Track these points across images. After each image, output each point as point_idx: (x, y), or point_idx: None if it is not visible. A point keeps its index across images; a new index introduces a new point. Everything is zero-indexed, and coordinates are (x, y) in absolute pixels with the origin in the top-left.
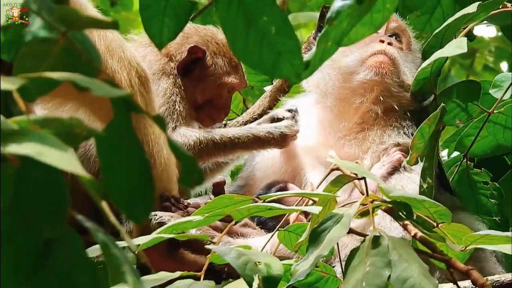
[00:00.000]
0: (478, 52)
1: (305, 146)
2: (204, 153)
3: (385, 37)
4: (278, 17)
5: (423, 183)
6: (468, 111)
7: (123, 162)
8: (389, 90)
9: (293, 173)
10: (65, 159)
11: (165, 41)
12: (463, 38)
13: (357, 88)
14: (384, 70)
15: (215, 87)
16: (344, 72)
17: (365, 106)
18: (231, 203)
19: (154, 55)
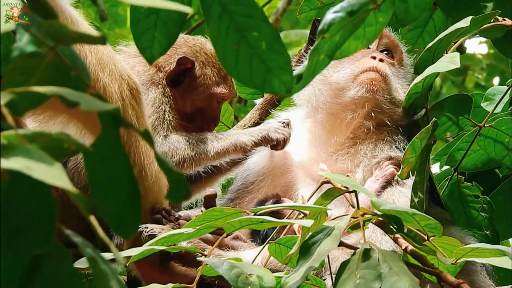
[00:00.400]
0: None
1: (297, 161)
2: (197, 157)
3: (376, 53)
4: (269, 33)
5: (414, 197)
6: (459, 124)
7: (111, 177)
8: (380, 106)
9: (284, 188)
10: (53, 174)
11: (156, 55)
12: (456, 53)
13: (348, 104)
14: (375, 87)
15: (204, 98)
16: (335, 88)
17: (357, 121)
18: (222, 215)
19: (143, 66)
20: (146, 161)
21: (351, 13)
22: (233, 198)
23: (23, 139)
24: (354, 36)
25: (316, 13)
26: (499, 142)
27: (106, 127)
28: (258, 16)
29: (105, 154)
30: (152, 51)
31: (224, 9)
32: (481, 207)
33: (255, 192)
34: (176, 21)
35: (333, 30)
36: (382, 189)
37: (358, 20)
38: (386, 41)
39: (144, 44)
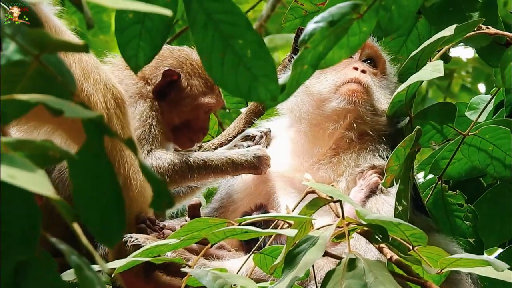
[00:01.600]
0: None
1: (279, 170)
2: (178, 176)
3: (359, 63)
4: (254, 41)
5: (398, 205)
6: (444, 133)
7: (95, 185)
8: (363, 117)
9: (267, 197)
10: (37, 182)
11: (141, 64)
12: (439, 61)
13: (331, 114)
14: (357, 98)
15: (192, 109)
16: (318, 99)
17: (339, 132)
18: (207, 226)
19: (131, 79)
20: (131, 170)
21: (332, 23)
22: (217, 207)
23: (7, 147)
24: (338, 46)
25: (301, 21)
26: (483, 151)
27: (90, 135)
28: (243, 24)
29: (90, 162)
30: (137, 60)
31: (209, 17)
32: (465, 215)
33: (239, 201)
34: (160, 30)
35: (316, 40)
36: (367, 198)
37: (340, 30)
38: (369, 51)
39: (129, 53)
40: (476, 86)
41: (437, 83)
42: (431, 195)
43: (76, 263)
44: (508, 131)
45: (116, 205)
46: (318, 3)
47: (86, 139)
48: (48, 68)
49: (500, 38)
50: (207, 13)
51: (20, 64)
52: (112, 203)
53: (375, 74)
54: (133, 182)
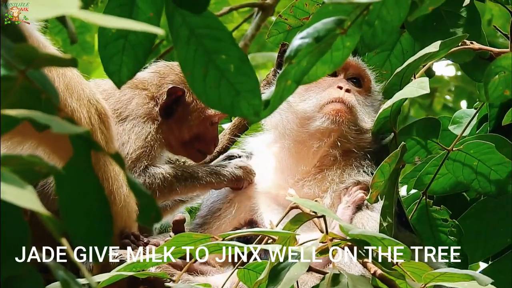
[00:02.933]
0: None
1: (263, 187)
2: (167, 191)
3: (343, 82)
4: (237, 56)
5: (383, 221)
6: (428, 148)
7: (82, 200)
8: (346, 136)
9: (251, 214)
10: (25, 196)
11: (124, 79)
12: (425, 78)
13: (315, 133)
14: (341, 118)
15: (199, 122)
16: (302, 117)
17: (323, 150)
18: (191, 241)
19: (142, 99)
20: (115, 185)
21: (318, 39)
22: (201, 223)
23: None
24: (321, 61)
25: (284, 36)
26: (467, 166)
27: (77, 150)
28: (226, 39)
29: (76, 177)
30: (120, 75)
31: (192, 32)
32: (450, 230)
33: (223, 218)
34: (144, 44)
35: (300, 56)
36: (353, 215)
37: (324, 45)
38: (354, 70)
39: (112, 68)
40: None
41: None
42: (416, 210)
43: (63, 278)
44: (492, 146)
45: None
46: (302, 18)
47: (73, 154)
48: (33, 83)
49: (484, 53)
50: (190, 28)
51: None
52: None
53: (360, 92)
54: (117, 197)
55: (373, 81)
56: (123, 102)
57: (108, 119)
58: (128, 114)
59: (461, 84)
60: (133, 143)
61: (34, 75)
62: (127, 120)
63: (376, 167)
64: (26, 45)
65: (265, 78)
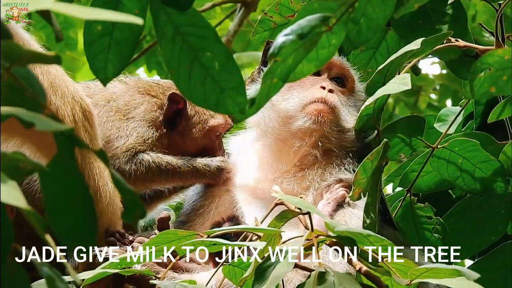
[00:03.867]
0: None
1: (243, 182)
2: (149, 179)
3: (327, 82)
4: (222, 54)
5: (366, 218)
6: (412, 145)
7: (67, 197)
8: (328, 137)
9: (230, 207)
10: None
11: (110, 76)
12: (407, 75)
13: (296, 132)
14: (323, 119)
15: (203, 135)
16: (284, 116)
17: (304, 149)
18: (176, 238)
19: (150, 106)
20: (100, 182)
21: (301, 36)
22: (185, 221)
23: None
24: (307, 59)
25: (270, 34)
26: (452, 163)
27: (61, 147)
28: (211, 37)
29: (61, 174)
30: (106, 72)
31: (177, 30)
32: (434, 228)
33: (206, 214)
34: (129, 41)
35: (286, 54)
36: (334, 212)
37: (310, 43)
38: (338, 70)
39: (98, 65)
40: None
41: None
42: (400, 207)
43: (47, 275)
44: (477, 143)
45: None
46: (287, 15)
47: (57, 151)
48: (18, 81)
49: (470, 51)
50: (175, 25)
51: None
52: (84, 214)
53: (343, 92)
54: (102, 194)
55: (357, 81)
56: (131, 105)
57: (92, 117)
58: (135, 115)
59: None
60: (133, 139)
61: (19, 72)
62: (133, 120)
63: (358, 165)
64: (11, 42)
65: (249, 76)
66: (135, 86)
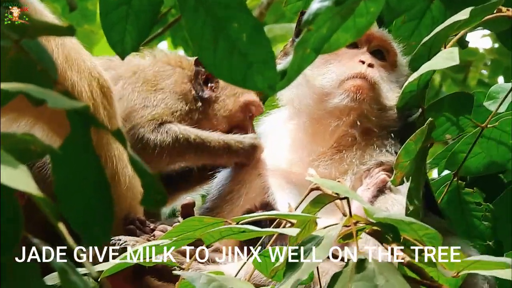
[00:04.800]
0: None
1: (276, 165)
2: (176, 152)
3: (366, 56)
4: (250, 24)
5: (409, 204)
6: (460, 125)
7: (81, 181)
8: (367, 115)
9: (262, 193)
10: (18, 178)
11: (128, 49)
12: (455, 48)
13: (333, 111)
14: (361, 96)
15: (238, 109)
16: (320, 93)
17: (341, 129)
18: (202, 225)
19: (181, 77)
20: (119, 165)
21: (338, 2)
22: (211, 207)
23: None
24: (343, 28)
25: (303, 4)
26: (502, 144)
27: (75, 127)
28: (238, 6)
29: (74, 156)
30: (124, 45)
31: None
32: (483, 215)
33: (235, 200)
34: (148, 12)
35: (320, 22)
36: (374, 198)
37: (346, 11)
38: (378, 42)
39: (115, 37)
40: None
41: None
42: (446, 193)
43: (60, 266)
44: None
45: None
46: None
47: (70, 131)
48: (28, 55)
49: None
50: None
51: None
52: (99, 200)
53: (384, 66)
54: (121, 178)
55: (399, 54)
56: (161, 76)
57: (111, 93)
58: (164, 87)
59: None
60: (160, 109)
61: (30, 45)
62: (162, 91)
63: (401, 146)
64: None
65: (282, 49)
66: (164, 58)
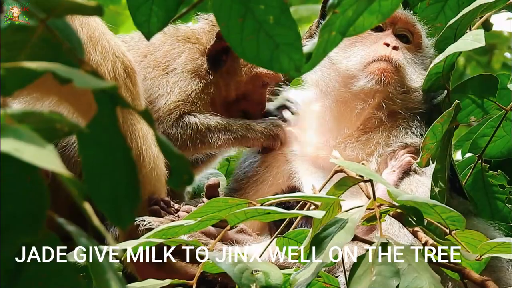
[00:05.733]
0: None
1: (303, 151)
2: (199, 142)
3: (391, 38)
4: (277, 6)
5: (435, 186)
6: (484, 107)
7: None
8: (392, 98)
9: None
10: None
11: (154, 30)
12: (480, 30)
13: (358, 93)
14: (386, 79)
15: (248, 80)
16: (345, 76)
17: (367, 112)
18: (226, 206)
19: (192, 53)
20: (144, 145)
21: None
22: (236, 189)
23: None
24: (368, 11)
25: None
26: None
27: (102, 107)
28: None
29: (101, 136)
30: (150, 26)
31: None
32: (508, 198)
33: (260, 183)
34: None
35: (346, 5)
36: (399, 180)
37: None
38: (403, 24)
39: (140, 18)
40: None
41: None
42: (470, 175)
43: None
44: None
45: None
46: None
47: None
48: (54, 34)
49: None
50: None
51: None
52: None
53: (409, 49)
54: (146, 158)
55: (424, 36)
56: (171, 56)
57: (134, 74)
58: (176, 67)
59: None
60: (175, 96)
61: (56, 25)
62: (173, 73)
63: (426, 128)
64: None
65: (307, 31)
66: (173, 35)
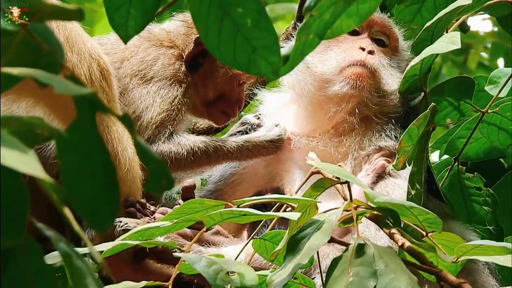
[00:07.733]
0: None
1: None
2: (196, 164)
3: (366, 42)
4: (254, 9)
5: (411, 189)
6: (461, 110)
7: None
8: (367, 103)
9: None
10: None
11: (131, 33)
12: (456, 33)
13: (333, 97)
14: (361, 83)
15: (226, 80)
16: (320, 80)
17: (340, 116)
18: (202, 208)
19: (168, 59)
20: (119, 147)
21: None
22: (213, 190)
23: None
24: (346, 14)
25: None
26: (503, 130)
27: (81, 112)
28: None
29: (81, 141)
30: (127, 29)
31: None
32: (484, 200)
33: (237, 184)
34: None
35: (323, 7)
36: (373, 184)
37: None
38: (379, 28)
39: (118, 21)
40: (494, 63)
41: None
42: (447, 177)
43: (65, 251)
44: None
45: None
46: None
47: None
48: (35, 38)
49: None
50: None
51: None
52: (105, 184)
53: (385, 52)
54: (121, 160)
55: (401, 39)
56: (147, 63)
57: (110, 76)
58: (153, 75)
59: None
60: (158, 106)
61: (37, 29)
62: (152, 82)
63: (403, 131)
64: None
65: (284, 32)
66: (147, 39)
